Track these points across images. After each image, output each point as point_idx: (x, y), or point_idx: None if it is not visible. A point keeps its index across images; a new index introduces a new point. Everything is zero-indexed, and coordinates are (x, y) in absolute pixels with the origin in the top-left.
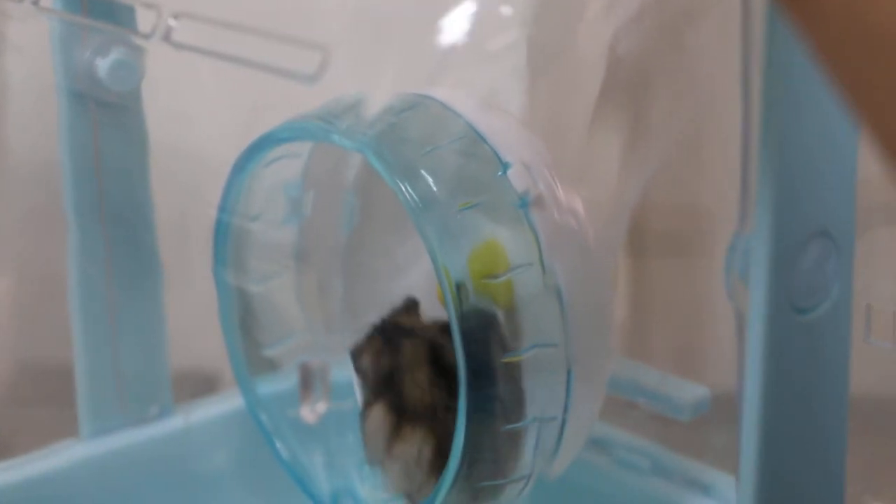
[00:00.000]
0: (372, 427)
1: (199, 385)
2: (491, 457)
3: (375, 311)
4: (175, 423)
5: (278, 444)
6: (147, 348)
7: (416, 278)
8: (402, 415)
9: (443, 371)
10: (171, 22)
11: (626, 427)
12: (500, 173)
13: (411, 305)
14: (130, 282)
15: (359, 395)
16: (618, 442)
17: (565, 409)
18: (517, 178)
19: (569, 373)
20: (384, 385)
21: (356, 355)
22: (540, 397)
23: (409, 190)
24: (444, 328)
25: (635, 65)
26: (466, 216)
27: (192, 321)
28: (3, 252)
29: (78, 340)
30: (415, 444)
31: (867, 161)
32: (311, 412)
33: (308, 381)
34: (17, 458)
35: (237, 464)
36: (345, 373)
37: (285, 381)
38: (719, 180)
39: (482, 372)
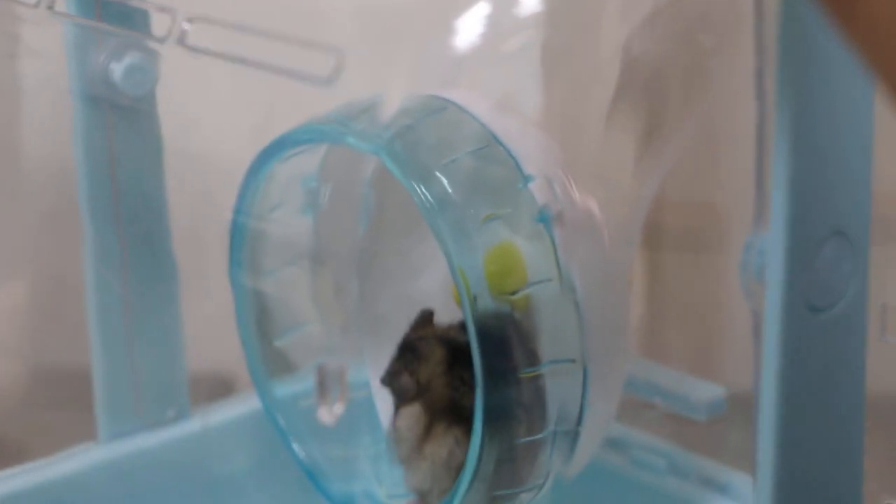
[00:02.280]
0: (405, 424)
1: (216, 388)
2: (509, 463)
3: (391, 312)
4: (192, 425)
5: (295, 446)
6: (164, 351)
7: (432, 280)
8: (436, 416)
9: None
10: (186, 25)
11: (642, 427)
12: (521, 186)
13: (427, 317)
14: (146, 284)
15: (380, 402)
16: (634, 442)
17: (580, 415)
18: (539, 191)
19: (585, 378)
20: (420, 390)
21: (392, 378)
22: (557, 402)
23: (424, 191)
24: (463, 327)
25: (650, 65)
26: (483, 219)
27: (208, 324)
28: (19, 255)
29: (95, 343)
30: (446, 446)
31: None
32: (328, 414)
33: (325, 383)
34: (35, 462)
35: (254, 466)
36: (361, 374)
37: (301, 383)
38: (734, 179)
39: (499, 374)
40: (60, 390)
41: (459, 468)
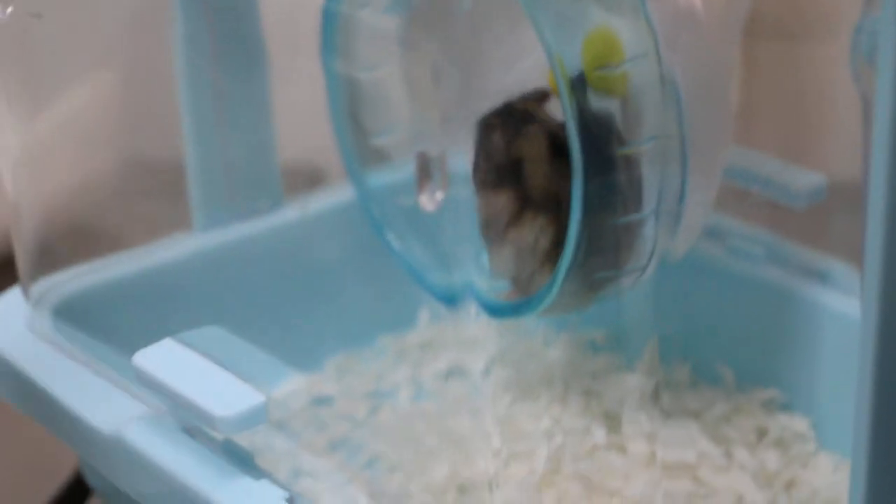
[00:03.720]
0: (492, 210)
1: (309, 178)
2: (607, 247)
3: (491, 102)
4: (286, 215)
5: (391, 236)
6: (256, 141)
7: (528, 70)
8: (525, 203)
9: (567, 163)
10: None
11: (740, 216)
12: None
13: (542, 95)
14: (236, 72)
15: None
16: (732, 230)
17: (681, 194)
18: None
19: (684, 158)
20: (509, 171)
21: (486, 129)
22: (656, 187)
23: None
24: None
25: None
26: (579, 4)
27: (300, 115)
28: (109, 46)
29: (187, 133)
30: (533, 232)
31: None
32: (429, 200)
33: (426, 169)
34: (131, 251)
35: (351, 257)
36: (461, 163)
37: (397, 174)
38: None
39: (597, 162)
40: (154, 181)
41: (546, 254)
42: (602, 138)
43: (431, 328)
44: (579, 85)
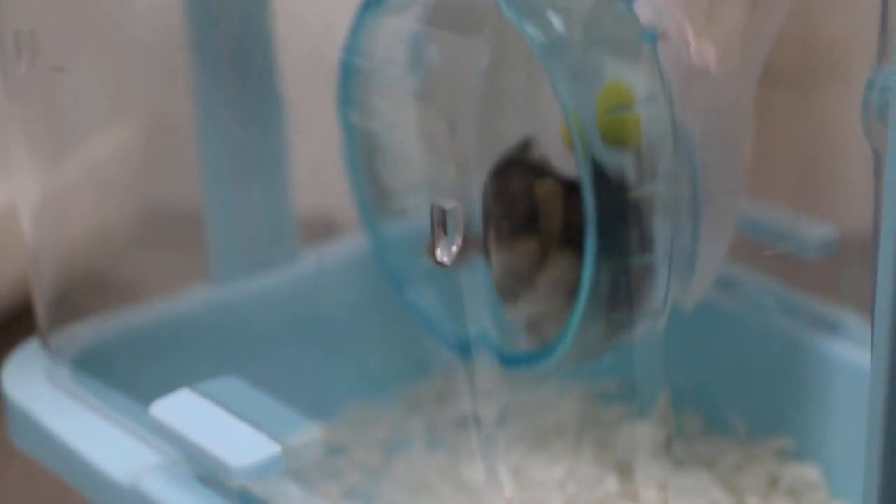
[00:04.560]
0: (515, 259)
1: (323, 230)
2: (621, 291)
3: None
4: (301, 266)
5: (404, 287)
6: (272, 192)
7: (543, 120)
8: (546, 246)
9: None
10: None
11: (751, 267)
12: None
13: (525, 144)
14: (254, 124)
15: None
16: (743, 281)
17: (695, 237)
18: (643, 11)
19: (697, 210)
20: (526, 220)
21: (494, 183)
22: (668, 231)
23: (536, 30)
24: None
25: None
26: (593, 55)
27: (315, 166)
28: (127, 97)
29: (205, 184)
30: (558, 271)
31: None
32: (445, 253)
33: (442, 222)
34: (150, 301)
35: (365, 307)
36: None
37: (411, 224)
38: (858, 11)
39: (610, 207)
40: (172, 232)
41: (569, 292)
42: (613, 186)
43: (444, 379)
44: (593, 136)
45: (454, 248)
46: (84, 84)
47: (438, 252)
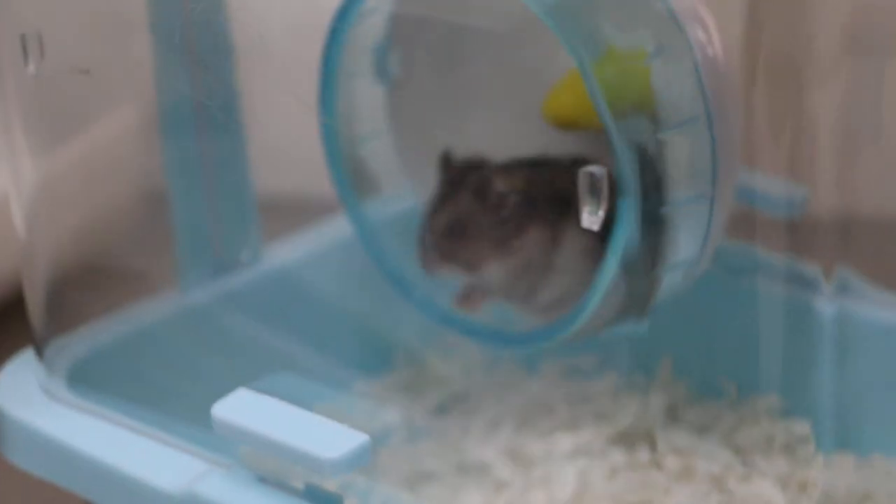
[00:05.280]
0: (532, 246)
1: (289, 220)
2: (646, 242)
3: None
4: (268, 263)
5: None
6: (233, 190)
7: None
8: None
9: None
10: None
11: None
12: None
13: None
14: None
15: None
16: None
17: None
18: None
19: (714, 149)
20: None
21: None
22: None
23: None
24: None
25: None
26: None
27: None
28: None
29: (174, 193)
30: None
31: None
32: (594, 220)
33: (590, 187)
34: (120, 312)
35: (342, 296)
36: None
37: (392, 206)
38: None
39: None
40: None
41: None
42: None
43: (408, 370)
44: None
45: (601, 214)
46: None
47: (585, 218)
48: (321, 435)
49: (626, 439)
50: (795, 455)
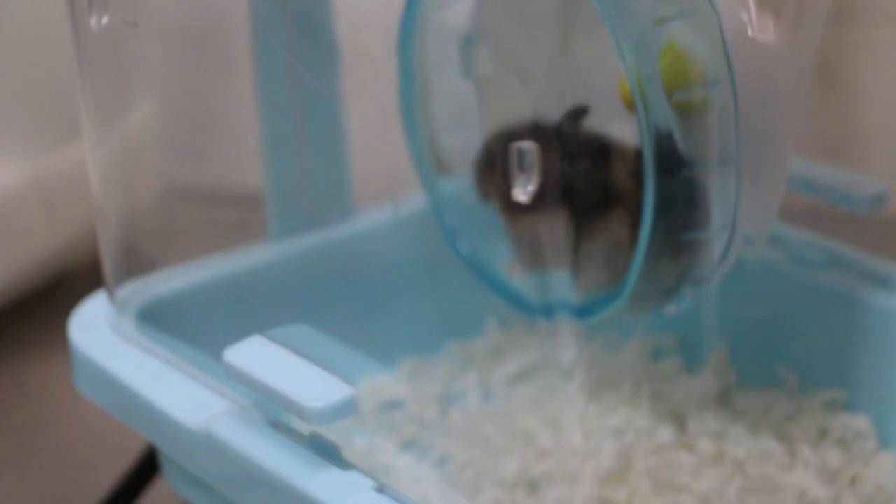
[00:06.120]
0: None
1: (379, 188)
2: (684, 205)
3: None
4: (357, 223)
5: (462, 243)
6: (329, 152)
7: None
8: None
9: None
10: None
11: (800, 224)
12: None
13: (579, 111)
14: (313, 77)
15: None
16: (793, 238)
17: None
18: None
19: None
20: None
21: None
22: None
23: None
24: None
25: None
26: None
27: (373, 127)
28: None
29: (264, 146)
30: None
31: None
32: (523, 192)
33: (520, 162)
34: (212, 256)
35: (420, 267)
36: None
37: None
38: None
39: (667, 172)
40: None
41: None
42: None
43: (498, 335)
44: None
45: (530, 188)
46: (149, 37)
47: (516, 191)
48: (312, 385)
49: (677, 419)
50: (851, 450)
